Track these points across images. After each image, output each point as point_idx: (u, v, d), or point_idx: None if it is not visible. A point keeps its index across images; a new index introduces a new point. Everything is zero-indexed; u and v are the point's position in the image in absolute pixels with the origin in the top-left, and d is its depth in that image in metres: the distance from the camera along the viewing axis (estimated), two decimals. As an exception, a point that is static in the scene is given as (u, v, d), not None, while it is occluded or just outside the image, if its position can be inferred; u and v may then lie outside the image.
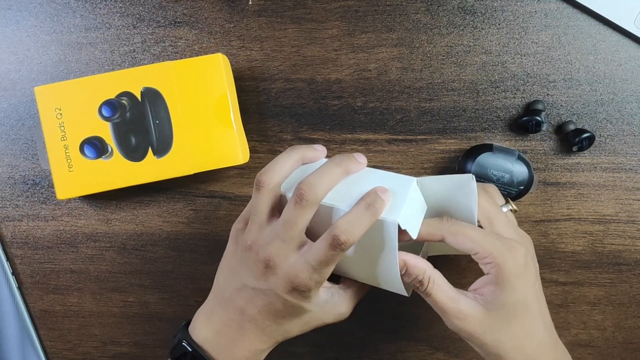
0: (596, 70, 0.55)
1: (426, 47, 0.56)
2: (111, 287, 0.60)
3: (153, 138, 0.53)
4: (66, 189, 0.54)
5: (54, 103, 0.53)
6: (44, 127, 0.53)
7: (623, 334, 0.58)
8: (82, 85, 0.53)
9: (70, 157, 0.54)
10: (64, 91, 0.53)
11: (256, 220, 0.44)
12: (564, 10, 0.55)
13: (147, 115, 0.53)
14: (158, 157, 0.53)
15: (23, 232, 0.60)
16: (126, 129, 0.53)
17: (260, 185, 0.44)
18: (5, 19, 0.58)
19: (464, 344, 0.58)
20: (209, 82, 0.53)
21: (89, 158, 0.54)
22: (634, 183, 0.56)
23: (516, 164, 0.53)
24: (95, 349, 0.61)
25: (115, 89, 0.53)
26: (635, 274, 0.57)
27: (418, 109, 0.56)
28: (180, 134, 0.53)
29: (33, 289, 0.60)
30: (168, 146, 0.53)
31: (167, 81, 0.53)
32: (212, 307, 0.47)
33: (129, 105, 0.53)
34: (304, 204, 0.42)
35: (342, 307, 0.47)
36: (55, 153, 0.54)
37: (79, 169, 0.54)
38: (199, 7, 0.57)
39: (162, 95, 0.53)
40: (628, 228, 0.56)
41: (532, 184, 0.53)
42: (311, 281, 0.42)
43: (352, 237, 0.41)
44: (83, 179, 0.54)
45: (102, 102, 0.53)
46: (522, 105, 0.56)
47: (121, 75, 0.53)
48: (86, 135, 0.53)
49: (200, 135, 0.53)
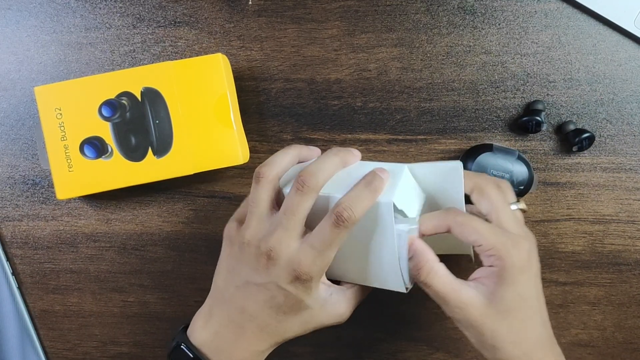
0: (596, 70, 0.55)
1: (426, 47, 0.56)
2: (111, 287, 0.60)
3: (153, 138, 0.53)
4: (66, 189, 0.54)
5: (54, 103, 0.53)
6: (44, 127, 0.53)
7: (623, 334, 0.58)
8: (82, 85, 0.53)
9: (70, 157, 0.54)
10: (64, 91, 0.53)
11: (255, 213, 0.45)
12: (564, 10, 0.55)
13: (147, 115, 0.53)
14: (158, 157, 0.53)
15: (23, 232, 0.60)
16: (126, 129, 0.53)
17: (260, 176, 0.45)
18: (5, 19, 0.58)
19: (464, 344, 0.58)
20: (209, 82, 0.53)
21: (89, 158, 0.54)
22: (634, 183, 0.56)
23: (516, 164, 0.53)
24: (95, 349, 0.61)
25: (115, 89, 0.53)
26: (635, 274, 0.57)
27: (418, 109, 0.56)
28: (180, 134, 0.53)
29: (33, 289, 0.60)
30: (168, 146, 0.53)
31: (167, 81, 0.53)
32: (210, 309, 0.47)
33: (129, 105, 0.53)
34: (305, 189, 0.42)
35: (341, 307, 0.47)
36: (55, 153, 0.54)
37: (79, 169, 0.54)
38: (199, 7, 0.57)
39: (162, 95, 0.53)
40: (628, 228, 0.56)
41: (532, 184, 0.53)
42: (314, 266, 0.42)
43: (354, 213, 0.41)
44: (83, 179, 0.54)
45: (102, 102, 0.53)
46: (522, 105, 0.56)
47: (121, 75, 0.53)
48: (86, 135, 0.53)
49: (200, 135, 0.53)
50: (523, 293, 0.43)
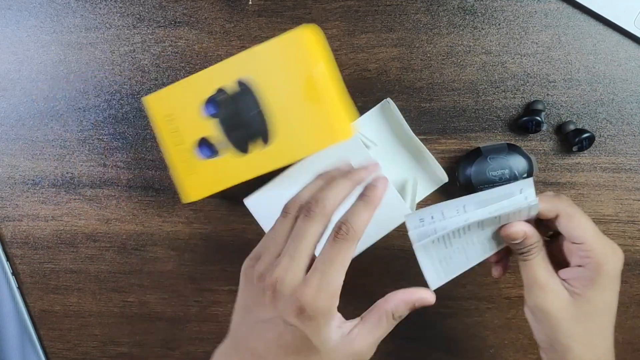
0: (596, 70, 0.55)
1: (426, 47, 0.56)
2: (111, 287, 0.60)
3: (257, 127, 0.51)
4: (190, 193, 0.53)
5: (164, 109, 0.52)
6: (158, 135, 0.52)
7: (623, 334, 0.58)
8: (183, 87, 0.52)
9: (188, 160, 0.53)
10: (170, 96, 0.52)
11: (271, 246, 0.42)
12: (564, 10, 0.55)
13: (247, 106, 0.51)
14: (267, 146, 0.51)
15: (23, 232, 0.60)
16: (232, 123, 0.52)
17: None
18: (5, 19, 0.58)
19: (464, 344, 0.58)
20: (300, 58, 0.50)
21: (204, 158, 0.52)
22: (634, 183, 0.56)
23: (509, 156, 0.53)
24: (95, 349, 0.61)
25: (213, 86, 0.52)
26: (635, 274, 0.57)
27: (418, 109, 0.56)
28: (283, 118, 0.51)
29: (33, 289, 0.60)
30: (273, 133, 0.51)
31: (258, 67, 0.50)
32: (226, 350, 0.45)
33: (228, 99, 0.51)
34: (312, 215, 0.41)
35: (360, 345, 0.42)
36: (174, 159, 0.53)
37: (198, 170, 0.53)
38: (199, 7, 0.57)
39: (257, 82, 0.51)
40: (628, 228, 0.56)
41: (533, 167, 0.53)
42: (320, 295, 0.39)
43: (353, 226, 0.40)
44: (203, 179, 0.53)
45: (203, 101, 0.52)
46: (522, 105, 0.56)
47: (215, 70, 0.51)
48: (198, 136, 0.52)
49: (302, 116, 0.50)
50: (609, 301, 0.43)
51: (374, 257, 0.57)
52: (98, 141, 0.58)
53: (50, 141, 0.58)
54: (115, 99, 0.58)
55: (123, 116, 0.58)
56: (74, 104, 0.58)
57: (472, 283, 0.58)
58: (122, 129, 0.58)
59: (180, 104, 0.52)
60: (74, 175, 0.59)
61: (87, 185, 0.59)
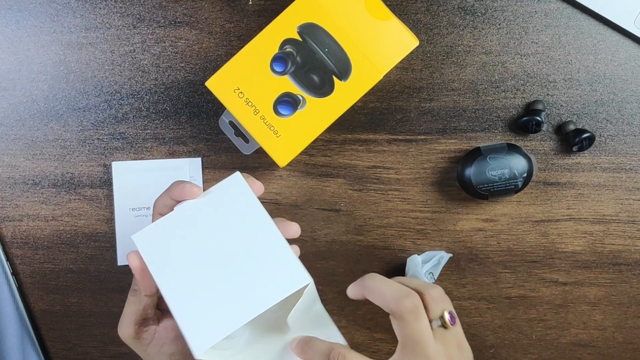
0: (596, 70, 0.55)
1: (426, 47, 0.56)
2: (111, 287, 0.60)
3: (332, 66, 0.52)
4: (284, 155, 0.53)
5: (230, 86, 0.53)
6: (233, 112, 0.53)
7: (623, 334, 0.58)
8: (243, 58, 0.53)
9: (271, 124, 0.53)
10: (232, 71, 0.53)
11: None
12: (564, 10, 0.55)
13: (315, 50, 0.52)
14: (345, 81, 0.53)
15: (23, 232, 0.60)
16: (304, 71, 0.52)
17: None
18: (5, 19, 0.58)
19: (464, 344, 0.58)
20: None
21: (287, 116, 0.53)
22: (634, 183, 0.56)
23: (509, 156, 0.53)
24: (95, 349, 0.61)
25: (275, 43, 0.52)
26: (635, 274, 0.57)
27: (418, 109, 0.56)
28: (353, 48, 0.52)
29: (33, 289, 0.60)
30: (348, 66, 0.52)
31: (314, 7, 0.52)
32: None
33: (294, 50, 0.52)
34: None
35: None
36: (256, 129, 0.53)
37: (284, 130, 0.53)
38: (199, 7, 0.57)
39: (317, 23, 0.52)
40: (628, 228, 0.56)
41: (532, 168, 0.53)
42: None
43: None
44: (292, 137, 0.53)
45: (270, 60, 0.53)
46: (522, 105, 0.56)
47: (271, 29, 0.52)
48: (274, 96, 0.53)
49: (369, 39, 0.52)
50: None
51: (374, 257, 0.57)
52: (98, 141, 0.58)
53: (50, 141, 0.58)
54: (115, 99, 0.58)
55: (123, 116, 0.58)
56: (74, 104, 0.58)
57: (472, 283, 0.58)
58: (122, 129, 0.58)
59: (245, 74, 0.53)
60: (74, 175, 0.59)
61: (87, 185, 0.59)
